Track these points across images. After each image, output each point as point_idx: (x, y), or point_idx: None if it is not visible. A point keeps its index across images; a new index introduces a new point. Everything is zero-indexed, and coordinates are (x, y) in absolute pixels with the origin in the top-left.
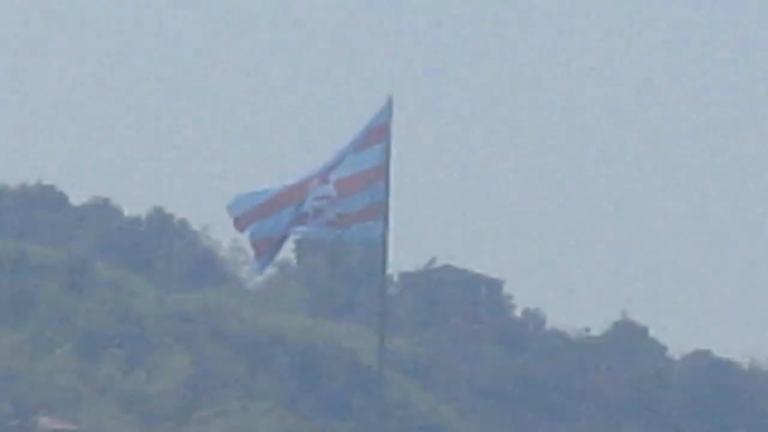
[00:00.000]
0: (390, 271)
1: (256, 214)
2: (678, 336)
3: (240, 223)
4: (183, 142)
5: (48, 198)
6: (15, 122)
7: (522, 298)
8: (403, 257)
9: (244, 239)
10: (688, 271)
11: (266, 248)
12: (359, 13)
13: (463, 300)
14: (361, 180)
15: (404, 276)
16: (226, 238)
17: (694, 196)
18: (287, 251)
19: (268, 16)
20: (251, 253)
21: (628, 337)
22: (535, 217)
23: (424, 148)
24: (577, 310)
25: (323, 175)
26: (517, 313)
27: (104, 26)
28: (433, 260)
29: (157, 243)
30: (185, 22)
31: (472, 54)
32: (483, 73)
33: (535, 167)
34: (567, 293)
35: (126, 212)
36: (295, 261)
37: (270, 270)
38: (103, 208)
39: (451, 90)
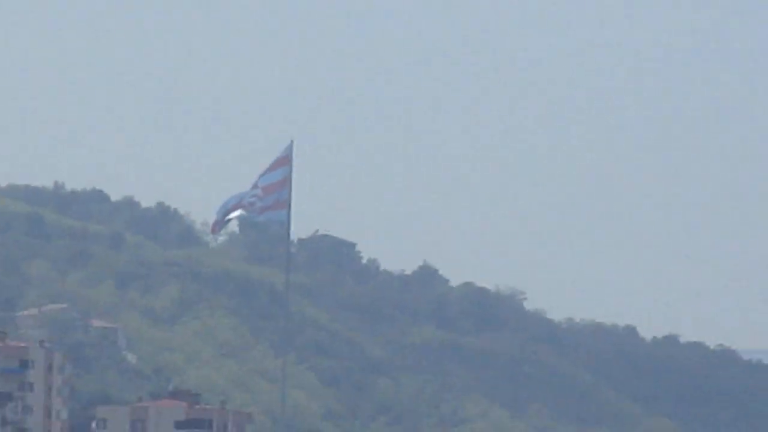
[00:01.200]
0: (292, 237)
1: (225, 215)
2: (458, 273)
3: (218, 222)
4: (176, 159)
5: (97, 196)
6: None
7: (366, 252)
8: (300, 229)
9: (209, 220)
10: (467, 226)
11: (219, 228)
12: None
13: (332, 253)
14: (275, 186)
15: (300, 240)
16: (199, 218)
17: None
18: (233, 226)
19: (206, 68)
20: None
21: (428, 274)
22: (382, 202)
23: (314, 168)
24: (397, 258)
25: (255, 184)
26: (364, 261)
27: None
28: (316, 231)
29: (160, 222)
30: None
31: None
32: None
33: (375, 169)
34: (393, 247)
35: (142, 204)
36: (238, 231)
37: (223, 237)
38: (128, 202)
39: (340, 133)
